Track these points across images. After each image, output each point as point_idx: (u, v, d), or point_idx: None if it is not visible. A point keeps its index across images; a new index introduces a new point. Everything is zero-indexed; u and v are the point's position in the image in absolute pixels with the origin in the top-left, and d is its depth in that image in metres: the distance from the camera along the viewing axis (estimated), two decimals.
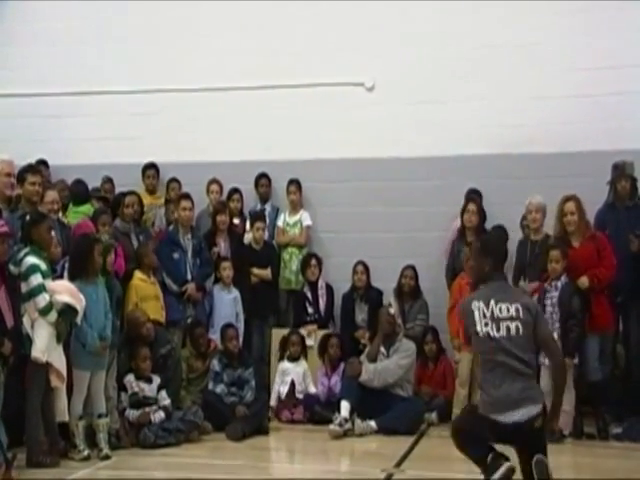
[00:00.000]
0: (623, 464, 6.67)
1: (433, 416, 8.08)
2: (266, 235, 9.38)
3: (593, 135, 9.04)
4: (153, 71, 10.19)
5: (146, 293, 7.96)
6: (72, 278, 6.88)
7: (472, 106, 9.53)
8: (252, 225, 9.36)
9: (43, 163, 9.43)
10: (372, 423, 7.62)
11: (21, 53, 10.49)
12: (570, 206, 7.68)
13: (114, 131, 10.08)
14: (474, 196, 8.87)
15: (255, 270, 9.13)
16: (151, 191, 9.83)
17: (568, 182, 8.46)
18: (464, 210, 8.52)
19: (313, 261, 9.12)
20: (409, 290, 8.91)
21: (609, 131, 9.03)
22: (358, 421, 7.62)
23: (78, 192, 8.49)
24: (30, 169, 7.29)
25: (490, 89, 9.51)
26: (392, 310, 8.24)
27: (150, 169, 9.89)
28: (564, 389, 5.44)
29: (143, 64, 10.19)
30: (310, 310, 9.03)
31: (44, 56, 10.35)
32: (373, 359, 7.96)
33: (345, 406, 7.64)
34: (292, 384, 8.34)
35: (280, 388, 8.38)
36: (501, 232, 8.32)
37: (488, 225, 8.67)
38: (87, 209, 8.31)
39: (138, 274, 8.00)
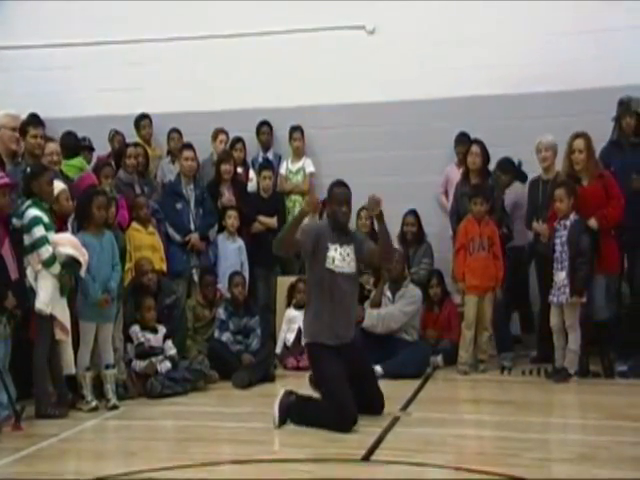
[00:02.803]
0: (628, 400, 6.70)
1: (439, 359, 8.11)
2: None
3: (600, 71, 8.91)
4: (150, 20, 10.09)
5: (140, 243, 7.93)
6: (78, 231, 6.91)
7: (475, 47, 9.43)
8: (259, 174, 9.33)
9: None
10: (378, 368, 7.59)
11: (17, 5, 10.37)
12: (579, 143, 7.54)
13: (112, 82, 10.01)
14: (477, 138, 8.76)
15: (261, 218, 9.12)
16: (147, 142, 9.74)
17: (575, 120, 8.36)
18: (467, 152, 8.42)
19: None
20: (412, 237, 8.87)
21: (616, 67, 8.89)
22: None
23: (68, 145, 8.23)
24: (32, 122, 7.21)
25: (494, 28, 9.39)
26: None
27: (144, 119, 9.82)
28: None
29: (141, 13, 10.07)
30: None
31: (40, 8, 10.24)
32: (377, 305, 7.95)
33: None
34: (299, 331, 8.33)
35: (287, 335, 8.40)
36: None
37: (491, 166, 8.57)
38: (79, 162, 8.21)
39: (133, 224, 7.99)
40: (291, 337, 8.28)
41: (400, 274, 8.14)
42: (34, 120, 7.38)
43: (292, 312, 8.40)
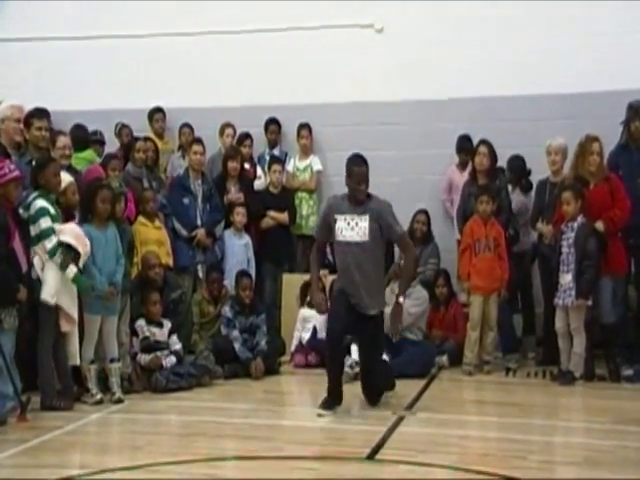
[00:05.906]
0: (633, 405, 6.70)
1: (444, 359, 8.10)
2: None
3: (609, 74, 8.88)
4: (162, 15, 10.06)
5: (147, 237, 7.95)
6: (81, 223, 6.90)
7: (483, 46, 9.38)
8: (269, 168, 9.31)
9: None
10: None
11: None
12: (597, 146, 7.61)
13: (124, 76, 9.98)
14: (485, 138, 8.74)
15: (272, 213, 9.10)
16: (159, 135, 9.76)
17: (582, 123, 8.34)
18: (475, 152, 8.41)
19: None
20: (421, 235, 8.85)
21: (626, 70, 8.85)
22: None
23: (78, 138, 8.19)
24: (36, 114, 7.19)
25: (503, 29, 9.34)
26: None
27: (157, 113, 9.82)
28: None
29: (152, 8, 10.04)
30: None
31: (50, 1, 10.22)
32: None
33: (355, 349, 7.62)
34: (314, 330, 8.28)
35: (302, 334, 8.34)
36: None
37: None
38: (89, 154, 8.22)
39: (140, 218, 8.00)
40: (306, 336, 8.24)
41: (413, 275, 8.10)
42: (38, 112, 7.34)
43: (307, 311, 8.31)
